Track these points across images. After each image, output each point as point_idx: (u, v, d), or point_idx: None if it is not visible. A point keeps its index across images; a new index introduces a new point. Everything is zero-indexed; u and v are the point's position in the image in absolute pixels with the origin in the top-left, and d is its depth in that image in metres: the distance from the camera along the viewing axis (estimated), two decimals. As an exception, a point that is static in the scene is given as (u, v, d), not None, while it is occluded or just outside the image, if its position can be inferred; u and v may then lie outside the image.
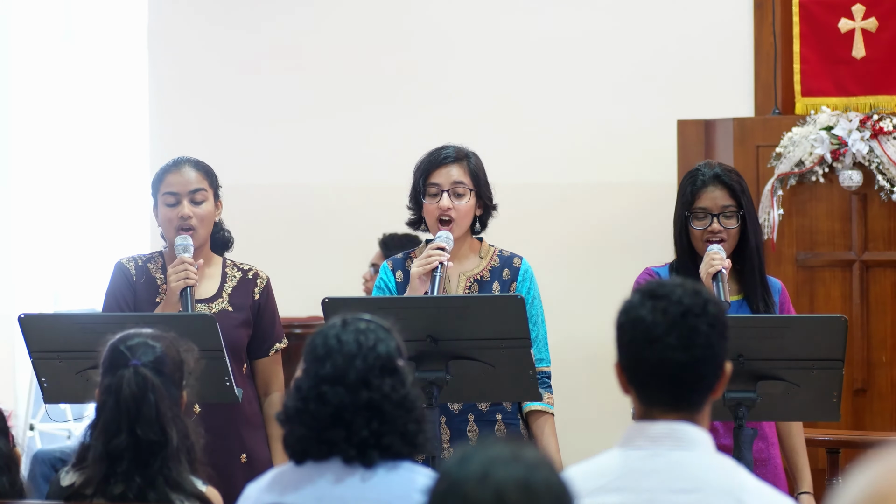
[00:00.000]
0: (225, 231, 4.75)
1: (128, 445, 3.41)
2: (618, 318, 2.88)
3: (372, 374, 3.08)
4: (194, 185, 4.58)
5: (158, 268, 4.65)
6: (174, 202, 4.57)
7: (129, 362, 3.44)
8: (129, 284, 4.61)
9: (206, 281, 4.61)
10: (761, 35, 7.17)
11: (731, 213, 4.49)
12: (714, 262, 4.38)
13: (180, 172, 4.60)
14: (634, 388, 2.88)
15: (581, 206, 7.49)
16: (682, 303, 2.84)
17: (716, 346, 2.85)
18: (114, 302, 4.59)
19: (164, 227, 4.62)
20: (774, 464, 4.56)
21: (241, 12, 7.79)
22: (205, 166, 4.66)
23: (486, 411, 4.55)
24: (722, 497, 2.77)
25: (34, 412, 7.91)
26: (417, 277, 4.41)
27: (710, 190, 4.50)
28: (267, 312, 4.68)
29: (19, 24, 8.51)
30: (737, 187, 4.51)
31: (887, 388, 6.44)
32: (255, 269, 4.71)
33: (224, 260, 4.72)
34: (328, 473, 3.07)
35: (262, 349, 4.68)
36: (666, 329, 2.82)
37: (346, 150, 7.69)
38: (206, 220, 4.59)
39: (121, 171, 8.80)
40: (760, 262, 4.54)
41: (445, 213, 4.54)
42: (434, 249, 4.43)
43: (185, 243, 4.52)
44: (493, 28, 7.59)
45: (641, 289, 2.89)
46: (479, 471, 2.06)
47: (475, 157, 4.64)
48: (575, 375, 6.90)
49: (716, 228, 4.47)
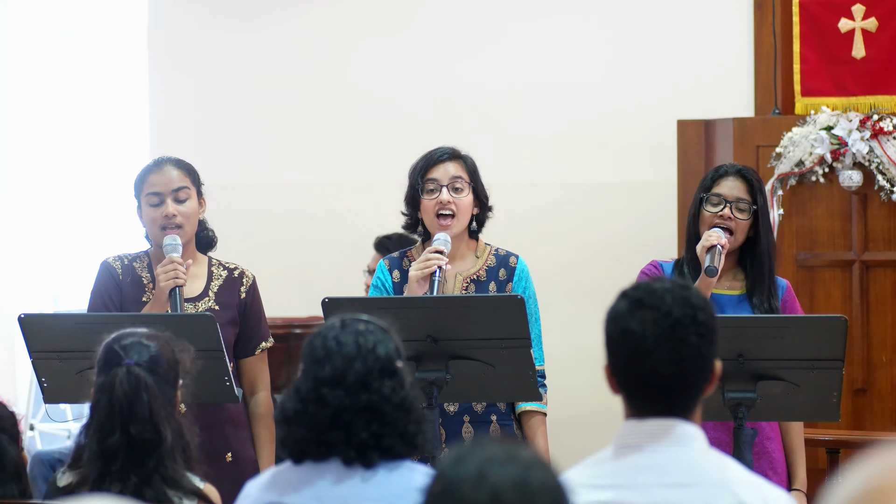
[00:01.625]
0: (209, 230, 4.75)
1: (122, 444, 3.40)
2: (606, 324, 2.87)
3: (371, 376, 3.07)
4: (177, 184, 4.59)
5: (144, 266, 4.65)
6: (158, 202, 4.58)
7: (122, 361, 3.44)
8: (116, 283, 4.61)
9: (193, 280, 4.60)
10: (761, 35, 7.17)
11: (744, 206, 4.59)
12: (710, 238, 4.49)
13: (162, 172, 4.60)
14: (624, 393, 2.88)
15: (581, 206, 7.49)
16: (671, 314, 2.82)
17: (706, 353, 2.85)
18: (100, 301, 4.59)
19: (149, 227, 4.62)
20: (770, 457, 4.58)
21: (240, 12, 7.78)
22: (186, 164, 4.66)
23: (482, 412, 4.56)
24: (716, 491, 2.78)
25: (34, 412, 7.91)
26: (416, 281, 4.41)
27: (730, 179, 4.63)
28: (253, 311, 4.68)
29: (19, 24, 8.51)
30: (756, 184, 4.63)
31: (887, 388, 6.44)
32: (241, 268, 4.71)
33: (210, 259, 4.72)
34: (328, 473, 3.07)
35: (248, 348, 4.68)
36: (655, 342, 2.81)
37: (346, 150, 7.68)
38: (190, 217, 4.59)
39: (120, 171, 8.79)
40: (771, 265, 4.60)
41: (446, 206, 4.55)
42: (432, 253, 4.44)
43: (174, 243, 4.52)
44: (494, 28, 7.59)
45: (629, 295, 2.87)
46: (475, 471, 2.06)
47: (470, 157, 4.68)
48: (574, 375, 6.90)
49: (726, 214, 4.56)
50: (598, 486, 2.83)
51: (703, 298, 2.89)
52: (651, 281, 2.90)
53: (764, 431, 4.57)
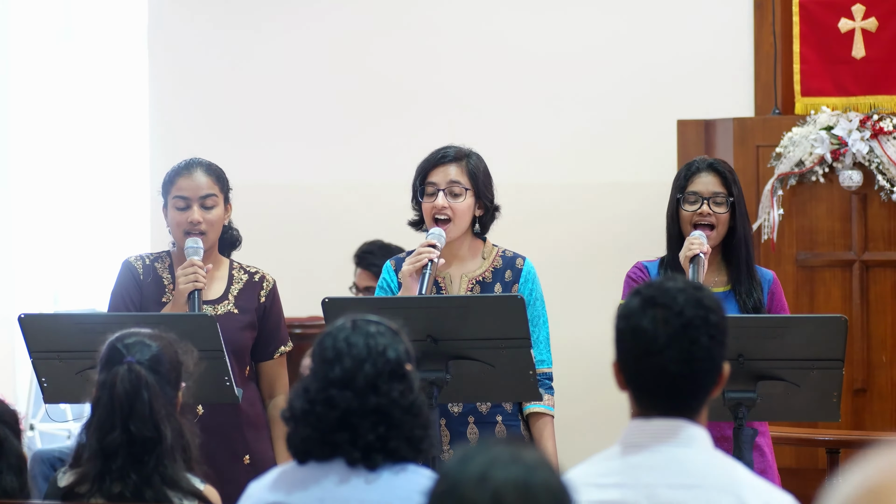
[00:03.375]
0: (233, 230, 4.74)
1: (122, 442, 3.40)
2: (617, 321, 2.87)
3: (381, 379, 3.06)
4: (205, 191, 4.58)
5: (166, 267, 4.65)
6: (184, 206, 4.57)
7: (123, 359, 3.44)
8: (137, 283, 4.61)
9: (213, 283, 4.61)
10: (761, 35, 7.16)
11: (721, 199, 4.63)
12: (693, 246, 4.51)
13: (192, 177, 4.59)
14: (632, 390, 2.88)
15: (581, 206, 7.49)
16: (683, 314, 2.82)
17: (716, 355, 2.85)
18: (120, 301, 4.59)
19: (173, 229, 4.61)
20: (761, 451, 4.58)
21: (240, 12, 7.78)
22: (216, 170, 4.65)
23: (486, 413, 4.55)
24: (720, 493, 2.78)
25: (34, 412, 7.91)
26: (408, 275, 4.39)
27: (703, 175, 4.67)
28: (272, 315, 4.68)
29: (19, 23, 8.51)
30: (728, 176, 4.66)
31: (887, 388, 6.44)
32: (262, 272, 4.71)
33: (231, 262, 4.72)
34: (332, 474, 3.06)
35: (266, 352, 4.68)
36: (666, 341, 2.81)
37: (346, 150, 7.68)
38: (215, 224, 4.59)
39: (120, 170, 8.80)
40: (748, 253, 4.63)
41: (441, 211, 4.53)
42: (424, 246, 4.42)
43: (195, 246, 4.52)
44: (494, 28, 7.58)
45: (642, 293, 2.87)
46: (478, 472, 2.06)
47: (476, 157, 4.62)
48: (575, 376, 6.89)
49: (705, 211, 4.60)
50: (602, 485, 2.83)
51: (715, 300, 2.89)
52: (664, 279, 2.90)
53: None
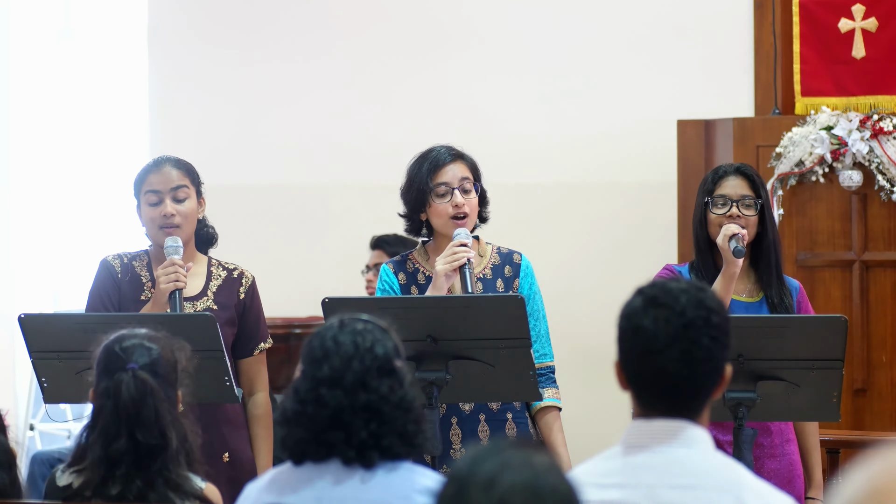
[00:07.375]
0: (209, 227, 4.75)
1: (127, 449, 3.40)
2: (619, 320, 2.88)
3: (369, 375, 3.07)
4: (176, 183, 4.60)
5: (144, 265, 4.66)
6: (157, 201, 4.58)
7: (126, 365, 3.42)
8: (115, 282, 4.62)
9: (192, 279, 4.60)
10: (761, 35, 7.16)
11: (750, 202, 4.60)
12: (731, 227, 4.48)
13: (161, 171, 4.62)
14: (633, 390, 2.88)
15: (581, 206, 7.49)
16: (684, 315, 2.82)
17: (717, 357, 2.85)
18: (98, 300, 4.60)
19: (148, 226, 4.63)
20: (790, 459, 4.57)
21: (241, 11, 7.78)
22: (186, 164, 4.67)
23: (497, 411, 4.55)
24: (721, 494, 2.78)
25: (34, 412, 7.91)
26: (444, 275, 4.40)
27: (731, 179, 4.63)
28: (252, 312, 4.68)
29: (18, 22, 8.51)
30: (756, 180, 4.64)
31: (887, 388, 6.44)
32: (241, 269, 4.71)
33: (209, 259, 4.73)
34: (328, 474, 3.07)
35: (247, 349, 4.68)
36: (667, 342, 2.81)
37: (346, 150, 7.68)
38: (189, 217, 4.60)
39: (120, 170, 8.79)
40: (777, 258, 4.62)
41: (461, 209, 4.55)
42: (457, 246, 4.43)
43: (175, 245, 4.53)
44: (493, 28, 7.58)
45: (644, 292, 2.87)
46: (487, 476, 2.05)
47: (469, 155, 4.67)
48: (574, 376, 6.89)
49: (734, 213, 4.57)
50: (603, 485, 2.83)
51: (718, 301, 2.88)
52: (667, 280, 2.90)
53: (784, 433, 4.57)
